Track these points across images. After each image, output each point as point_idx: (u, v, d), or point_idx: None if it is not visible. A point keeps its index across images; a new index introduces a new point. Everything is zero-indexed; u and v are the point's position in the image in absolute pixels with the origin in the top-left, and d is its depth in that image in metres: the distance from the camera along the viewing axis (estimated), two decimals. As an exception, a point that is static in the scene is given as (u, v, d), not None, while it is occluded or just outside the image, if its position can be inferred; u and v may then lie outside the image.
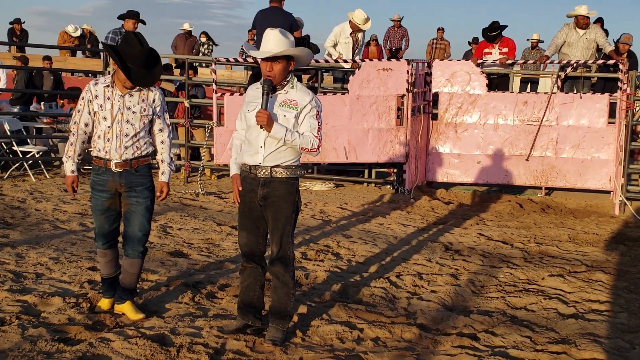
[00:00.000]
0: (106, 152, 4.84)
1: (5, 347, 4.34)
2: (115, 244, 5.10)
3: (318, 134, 4.53)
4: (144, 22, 11.41)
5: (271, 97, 4.53)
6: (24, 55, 15.37)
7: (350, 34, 11.95)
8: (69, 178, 4.92)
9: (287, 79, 4.56)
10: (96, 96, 4.81)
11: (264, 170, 4.56)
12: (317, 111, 4.56)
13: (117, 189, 4.89)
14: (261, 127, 4.45)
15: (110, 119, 4.82)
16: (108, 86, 4.83)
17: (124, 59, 4.72)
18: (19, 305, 5.07)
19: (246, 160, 4.64)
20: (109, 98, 4.81)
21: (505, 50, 11.57)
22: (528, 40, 16.52)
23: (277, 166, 4.55)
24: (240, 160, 4.70)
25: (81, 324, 4.80)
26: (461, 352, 4.56)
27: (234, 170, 4.74)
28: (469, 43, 18.35)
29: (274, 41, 4.47)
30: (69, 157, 4.90)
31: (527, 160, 10.36)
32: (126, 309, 5.04)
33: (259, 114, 4.42)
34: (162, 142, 5.09)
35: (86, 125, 4.87)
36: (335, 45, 11.98)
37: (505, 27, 11.66)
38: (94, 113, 4.84)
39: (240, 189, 4.66)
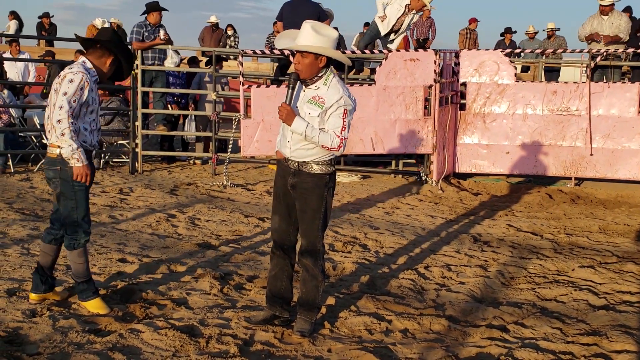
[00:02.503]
0: (92, 144, 4.86)
1: (37, 338, 4.40)
2: None
3: (341, 133, 4.41)
4: (166, 9, 11.43)
5: (304, 92, 4.52)
6: (49, 50, 15.52)
7: (406, 6, 11.70)
8: (87, 167, 4.72)
9: (320, 74, 4.48)
10: (91, 89, 4.74)
11: (293, 163, 4.58)
12: (345, 110, 4.42)
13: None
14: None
15: (95, 112, 4.85)
16: (97, 80, 4.84)
17: (126, 53, 4.84)
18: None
19: (280, 149, 4.68)
20: (95, 90, 4.83)
21: None
22: (544, 30, 16.33)
23: (305, 162, 4.54)
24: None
25: (111, 315, 4.85)
26: (491, 344, 4.53)
27: (278, 146, 4.78)
28: (501, 34, 18.18)
29: (303, 35, 4.42)
30: (79, 147, 4.66)
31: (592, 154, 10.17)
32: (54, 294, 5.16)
33: (280, 107, 4.44)
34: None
35: (75, 116, 4.70)
36: (386, 6, 11.74)
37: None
38: (83, 104, 4.70)
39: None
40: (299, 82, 4.54)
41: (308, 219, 4.59)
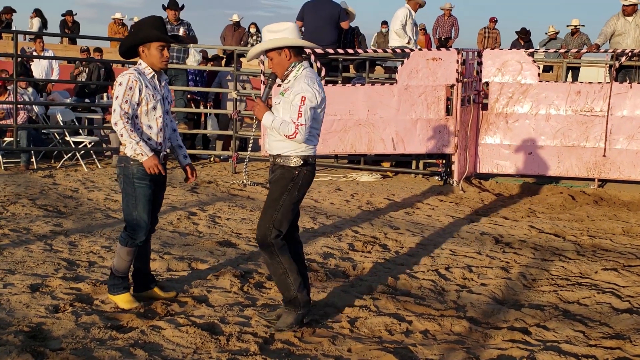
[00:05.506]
0: (157, 142, 4.87)
1: (60, 333, 4.43)
2: None
3: (297, 120, 4.44)
4: (180, 9, 11.55)
5: (278, 86, 4.77)
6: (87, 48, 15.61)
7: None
8: (155, 158, 4.72)
9: (290, 68, 4.59)
10: (146, 85, 4.77)
11: (271, 158, 4.72)
12: (303, 97, 4.44)
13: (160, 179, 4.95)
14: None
15: (160, 108, 4.85)
16: (154, 76, 4.86)
17: (161, 31, 4.83)
18: (72, 293, 5.17)
19: None
20: (155, 87, 4.84)
21: None
22: (568, 26, 16.15)
23: (279, 155, 4.63)
24: None
25: (133, 312, 4.87)
26: (512, 346, 4.49)
27: None
28: (517, 33, 18.04)
29: (263, 40, 4.62)
30: (140, 139, 4.69)
31: (604, 156, 10.10)
32: (158, 291, 5.21)
33: (254, 103, 4.66)
34: (174, 130, 5.16)
35: (132, 115, 4.74)
36: (404, 27, 11.70)
37: None
38: (140, 103, 4.74)
39: None
40: (277, 81, 4.72)
41: (264, 207, 4.68)
